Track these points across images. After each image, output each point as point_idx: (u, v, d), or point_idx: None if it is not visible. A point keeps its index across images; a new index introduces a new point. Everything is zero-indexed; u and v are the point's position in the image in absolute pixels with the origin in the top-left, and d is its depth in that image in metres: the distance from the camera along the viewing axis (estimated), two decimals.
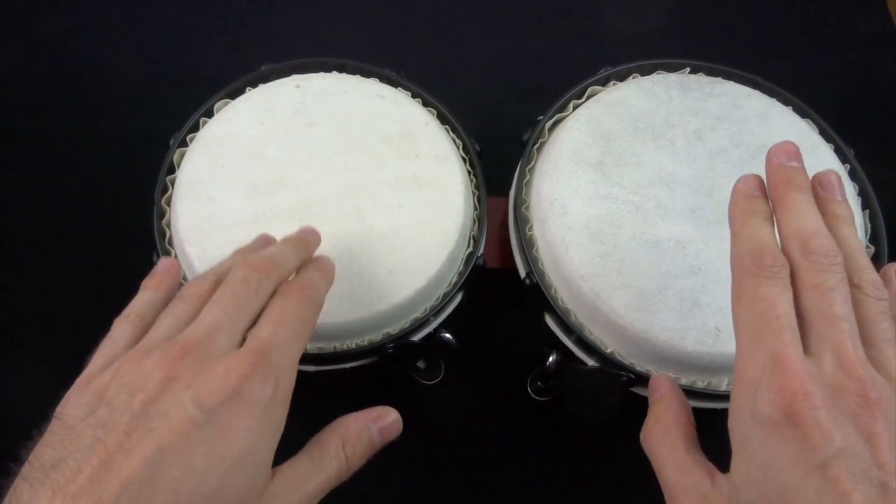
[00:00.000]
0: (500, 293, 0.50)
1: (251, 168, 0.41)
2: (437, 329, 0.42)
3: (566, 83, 0.46)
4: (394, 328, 0.40)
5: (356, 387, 0.51)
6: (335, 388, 0.48)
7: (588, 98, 0.46)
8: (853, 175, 0.44)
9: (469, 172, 0.45)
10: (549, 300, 0.40)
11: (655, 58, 0.47)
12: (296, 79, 0.46)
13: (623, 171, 0.42)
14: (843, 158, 0.45)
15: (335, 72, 0.47)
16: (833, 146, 0.45)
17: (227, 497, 0.24)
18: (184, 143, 0.43)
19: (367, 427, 0.29)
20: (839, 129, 0.46)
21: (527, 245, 0.42)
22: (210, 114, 0.45)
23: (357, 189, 0.41)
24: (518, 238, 0.42)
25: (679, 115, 0.44)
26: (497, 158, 0.47)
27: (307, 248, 0.33)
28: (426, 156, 0.43)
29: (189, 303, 0.28)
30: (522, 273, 0.42)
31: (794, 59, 0.71)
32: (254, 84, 0.46)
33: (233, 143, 0.42)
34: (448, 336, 0.42)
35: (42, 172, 0.61)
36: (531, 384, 0.52)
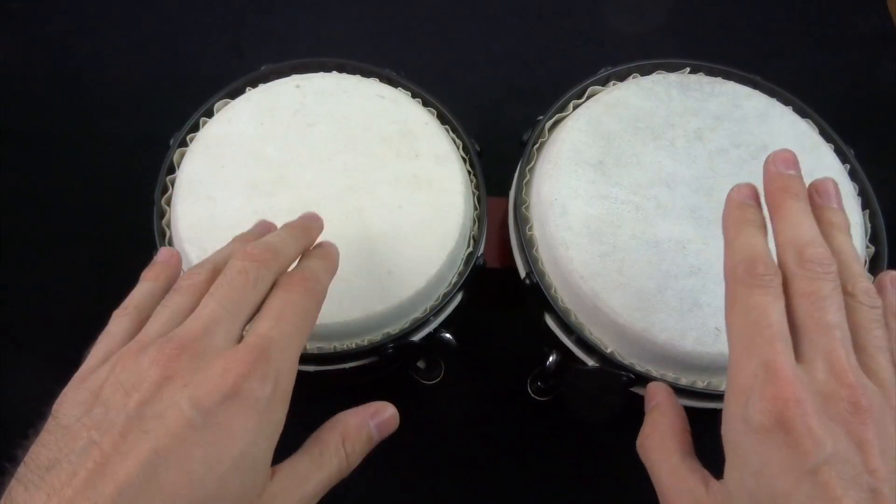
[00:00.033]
0: (500, 293, 0.50)
1: (251, 168, 0.41)
2: (437, 329, 0.42)
3: (566, 83, 0.46)
4: (394, 328, 0.40)
5: (356, 387, 0.50)
6: (335, 388, 0.48)
7: (588, 98, 0.46)
8: (853, 175, 0.44)
9: (469, 172, 0.45)
10: (549, 300, 0.40)
11: (655, 58, 0.47)
12: (296, 79, 0.46)
13: (623, 171, 0.42)
14: (843, 158, 0.45)
15: (335, 72, 0.47)
16: (833, 146, 0.45)
17: (226, 499, 0.24)
18: (184, 143, 0.43)
19: (366, 423, 0.29)
20: (839, 129, 0.46)
21: (527, 245, 0.42)
22: (210, 114, 0.45)
23: (357, 189, 0.41)
24: (518, 238, 0.42)
25: (679, 115, 0.44)
26: (497, 158, 0.47)
27: (309, 235, 0.32)
28: (426, 156, 0.43)
29: (186, 295, 0.28)
30: (522, 273, 0.42)
31: (794, 59, 0.71)
32: (254, 84, 0.46)
33: (233, 143, 0.42)
34: (448, 336, 0.42)
35: (42, 172, 0.61)
36: (531, 384, 0.52)
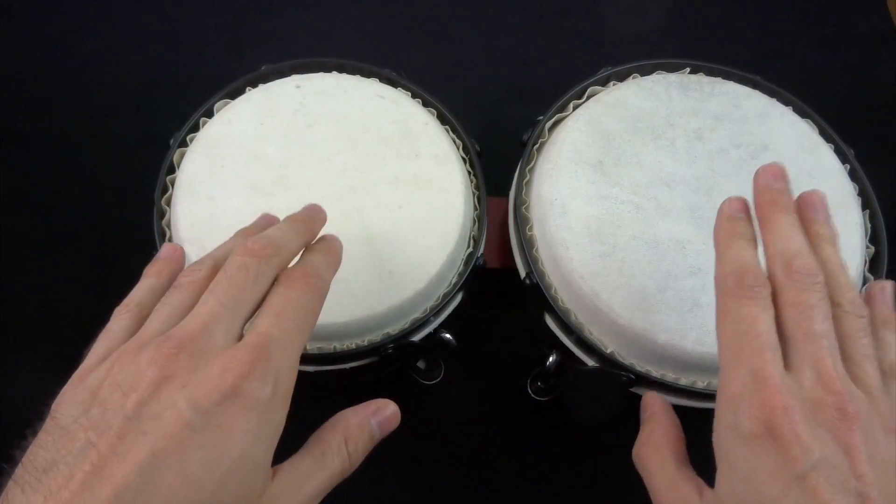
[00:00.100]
0: (500, 293, 0.50)
1: (251, 168, 0.41)
2: (437, 329, 0.42)
3: (566, 83, 0.46)
4: (394, 328, 0.40)
5: (356, 387, 0.50)
6: (335, 388, 0.48)
7: (588, 98, 0.46)
8: (853, 175, 0.44)
9: (469, 172, 0.45)
10: (549, 300, 0.40)
11: (655, 58, 0.47)
12: (296, 79, 0.46)
13: (623, 171, 0.42)
14: (843, 158, 0.45)
15: (335, 72, 0.47)
16: (833, 146, 0.45)
17: (225, 502, 0.23)
18: (184, 143, 0.43)
19: (368, 421, 0.29)
20: (839, 129, 0.46)
21: (527, 245, 0.42)
22: (210, 114, 0.45)
23: (357, 189, 0.41)
24: (518, 238, 0.42)
25: (679, 115, 0.44)
26: (497, 158, 0.47)
27: (311, 228, 0.32)
28: (426, 156, 0.43)
29: (186, 292, 0.27)
30: (522, 273, 0.42)
31: (794, 59, 0.71)
32: (254, 84, 0.46)
33: (233, 143, 0.42)
34: (448, 336, 0.42)
35: (42, 172, 0.61)
36: (531, 384, 0.52)
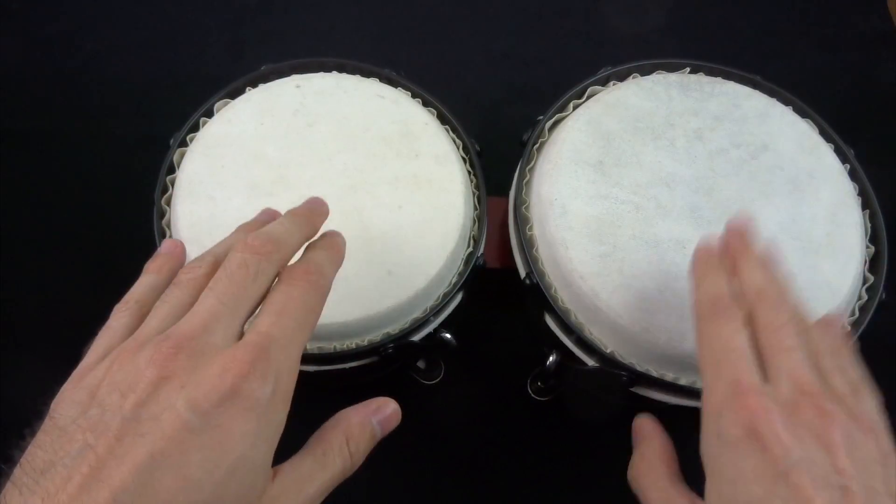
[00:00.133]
0: (500, 293, 0.50)
1: (251, 168, 0.41)
2: (437, 329, 0.42)
3: (566, 83, 0.46)
4: (394, 328, 0.40)
5: (356, 387, 0.50)
6: (335, 388, 0.48)
7: (588, 98, 0.46)
8: (853, 175, 0.44)
9: (469, 172, 0.45)
10: (549, 300, 0.40)
11: (655, 58, 0.47)
12: (296, 79, 0.46)
13: (623, 171, 0.42)
14: (843, 158, 0.45)
15: (335, 72, 0.47)
16: (833, 146, 0.45)
17: (224, 503, 0.23)
18: (184, 143, 0.43)
19: (369, 420, 0.29)
20: (839, 129, 0.46)
21: (527, 245, 0.42)
22: (210, 114, 0.45)
23: (357, 189, 0.41)
24: (518, 238, 0.42)
25: (679, 115, 0.44)
26: (497, 158, 0.47)
27: (313, 223, 0.31)
28: (426, 156, 0.43)
29: (185, 289, 0.27)
30: (522, 273, 0.42)
31: (794, 59, 0.71)
32: (254, 84, 0.46)
33: (233, 143, 0.42)
34: (448, 336, 0.42)
35: (42, 172, 0.61)
36: (531, 384, 0.52)
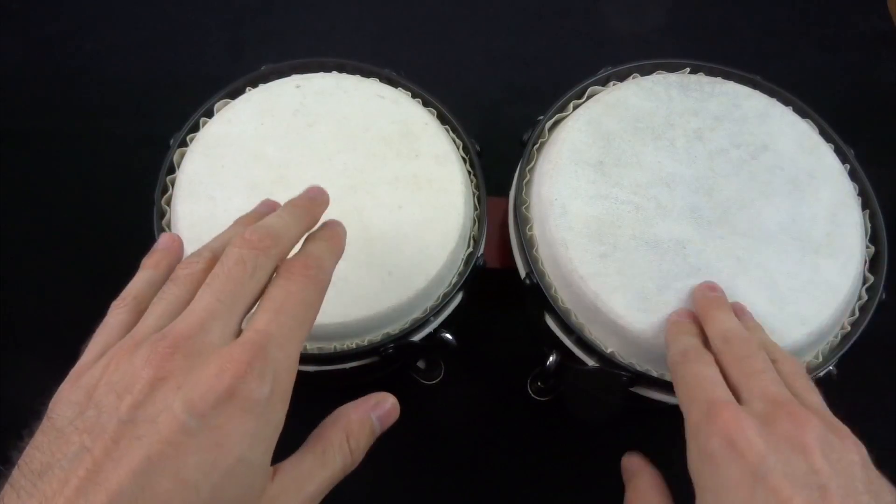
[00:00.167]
0: (500, 293, 0.50)
1: (251, 168, 0.41)
2: (437, 329, 0.42)
3: (566, 83, 0.46)
4: (394, 328, 0.40)
5: (356, 386, 0.50)
6: (335, 388, 0.48)
7: (588, 98, 0.46)
8: (853, 175, 0.44)
9: (469, 172, 0.45)
10: (549, 300, 0.40)
11: (655, 58, 0.47)
12: (296, 79, 0.46)
13: (623, 171, 0.42)
14: (843, 158, 0.45)
15: (335, 72, 0.47)
16: (833, 146, 0.45)
17: None
18: (184, 143, 0.43)
19: (368, 416, 0.29)
20: (839, 129, 0.46)
21: (527, 245, 0.42)
22: (210, 114, 0.45)
23: (357, 189, 0.41)
24: (518, 238, 0.42)
25: (679, 115, 0.44)
26: (497, 158, 0.47)
27: (313, 214, 0.31)
28: (426, 156, 0.43)
29: (182, 286, 0.27)
30: (522, 273, 0.42)
31: (794, 59, 0.71)
32: (254, 84, 0.46)
33: (233, 143, 0.42)
34: (448, 336, 0.42)
35: (42, 172, 0.61)
36: (531, 384, 0.52)
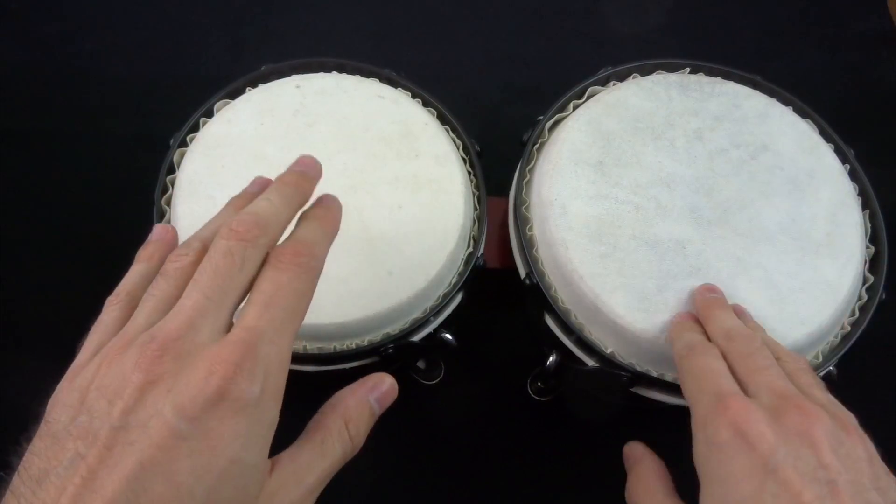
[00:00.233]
0: (500, 293, 0.50)
1: (251, 168, 0.41)
2: (437, 329, 0.42)
3: (566, 83, 0.46)
4: (394, 328, 0.40)
5: None
6: (335, 388, 0.48)
7: (588, 98, 0.46)
8: (853, 175, 0.44)
9: (469, 172, 0.45)
10: (549, 300, 0.40)
11: (655, 58, 0.47)
12: (296, 79, 0.46)
13: (623, 171, 0.42)
14: (843, 158, 0.45)
15: (335, 72, 0.47)
16: (833, 146, 0.45)
17: None
18: (184, 143, 0.43)
19: (366, 399, 0.28)
20: (839, 129, 0.46)
21: (527, 245, 0.42)
22: (210, 114, 0.45)
23: (357, 189, 0.41)
24: (518, 238, 0.42)
25: (679, 115, 0.44)
26: (497, 158, 0.47)
27: (304, 192, 0.29)
28: (426, 156, 0.43)
29: (171, 281, 0.26)
30: (522, 273, 0.42)
31: (794, 59, 0.71)
32: (254, 84, 0.46)
33: (233, 143, 0.42)
34: (448, 336, 0.42)
35: (42, 172, 0.61)
36: (531, 384, 0.52)
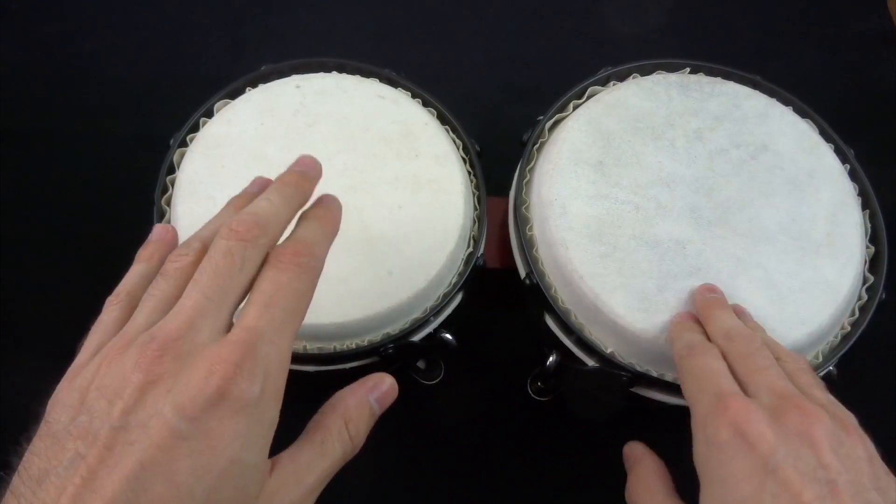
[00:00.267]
0: (500, 293, 0.50)
1: (251, 168, 0.41)
2: (437, 329, 0.42)
3: (566, 83, 0.46)
4: (394, 328, 0.40)
5: None
6: (335, 388, 0.48)
7: (588, 98, 0.46)
8: (853, 175, 0.44)
9: (469, 172, 0.45)
10: (549, 300, 0.40)
11: (655, 58, 0.47)
12: (296, 79, 0.46)
13: (623, 171, 0.42)
14: (843, 158, 0.45)
15: (335, 72, 0.47)
16: (833, 146, 0.45)
17: None
18: (184, 143, 0.43)
19: (366, 399, 0.28)
20: (839, 129, 0.46)
21: (527, 245, 0.42)
22: (210, 114, 0.45)
23: (357, 189, 0.41)
24: (518, 238, 0.42)
25: (679, 115, 0.44)
26: (497, 158, 0.47)
27: (303, 192, 0.30)
28: (426, 156, 0.43)
29: (171, 281, 0.26)
30: (522, 273, 0.42)
31: (794, 59, 0.71)
32: (254, 84, 0.46)
33: (233, 143, 0.42)
34: (448, 336, 0.42)
35: (42, 172, 0.61)
36: (531, 384, 0.52)
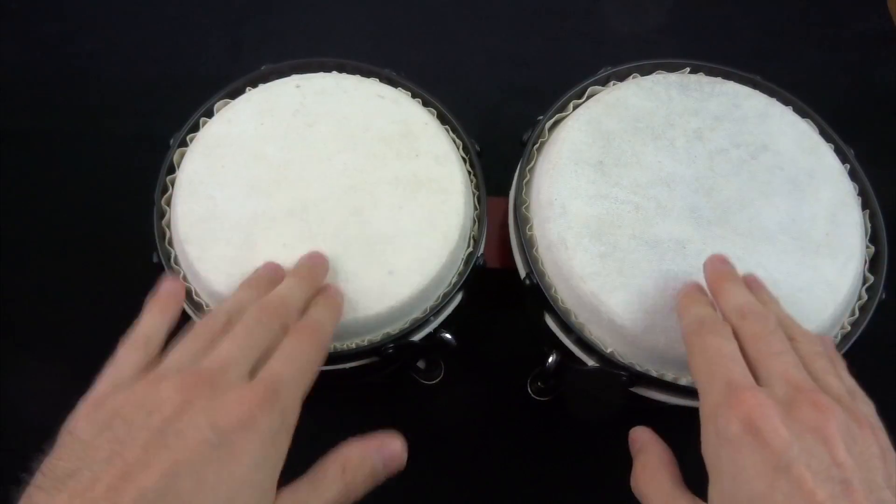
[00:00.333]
0: (500, 293, 0.50)
1: (251, 168, 0.41)
2: (437, 329, 0.42)
3: (566, 83, 0.46)
4: (394, 328, 0.40)
5: (356, 386, 0.51)
6: (335, 388, 0.48)
7: (588, 98, 0.46)
8: (853, 175, 0.44)
9: (469, 172, 0.45)
10: (549, 300, 0.40)
11: (655, 58, 0.47)
12: (296, 79, 0.46)
13: (623, 171, 0.42)
14: (843, 158, 0.45)
15: (335, 72, 0.47)
16: (833, 146, 0.45)
17: None
18: (184, 143, 0.43)
19: (370, 455, 0.30)
20: (839, 129, 0.46)
21: (527, 245, 0.42)
22: (210, 114, 0.45)
23: (357, 189, 0.41)
24: (518, 238, 0.42)
25: (679, 115, 0.44)
26: (497, 158, 0.47)
27: (315, 281, 0.36)
28: (426, 156, 0.43)
29: (202, 340, 0.30)
30: (522, 273, 0.42)
31: (794, 59, 0.71)
32: (254, 84, 0.46)
33: (233, 143, 0.42)
34: (448, 336, 0.42)
35: (42, 172, 0.61)
36: (531, 384, 0.52)
